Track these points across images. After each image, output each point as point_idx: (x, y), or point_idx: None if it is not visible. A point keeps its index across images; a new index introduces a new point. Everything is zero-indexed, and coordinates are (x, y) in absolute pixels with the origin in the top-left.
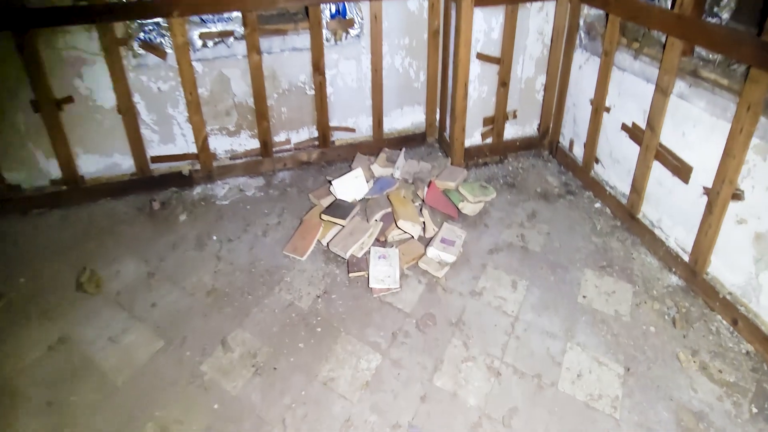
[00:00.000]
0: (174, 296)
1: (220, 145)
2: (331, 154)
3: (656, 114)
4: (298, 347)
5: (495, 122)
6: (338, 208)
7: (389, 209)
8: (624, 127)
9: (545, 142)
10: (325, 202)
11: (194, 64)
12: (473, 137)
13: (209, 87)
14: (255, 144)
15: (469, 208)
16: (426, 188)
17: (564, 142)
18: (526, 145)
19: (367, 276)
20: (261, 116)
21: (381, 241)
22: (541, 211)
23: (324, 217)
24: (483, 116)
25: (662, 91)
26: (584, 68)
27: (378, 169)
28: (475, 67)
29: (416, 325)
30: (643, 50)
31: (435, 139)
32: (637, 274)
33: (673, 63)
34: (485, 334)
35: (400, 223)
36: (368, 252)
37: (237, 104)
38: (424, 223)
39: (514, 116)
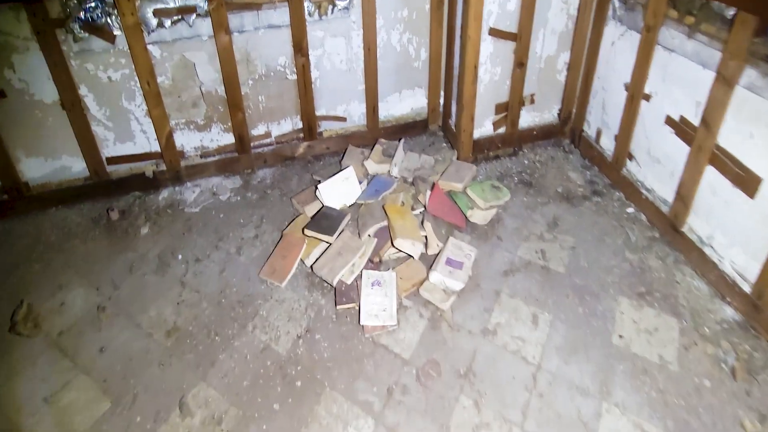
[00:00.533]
0: (127, 336)
1: (187, 141)
2: (318, 148)
3: (714, 108)
4: (272, 409)
5: (509, 109)
6: (325, 220)
7: (384, 222)
8: (669, 120)
9: (566, 129)
10: (311, 209)
11: (150, 47)
12: (483, 127)
13: (170, 74)
14: (229, 139)
15: (479, 216)
16: (428, 191)
17: (589, 131)
18: (544, 134)
19: (357, 308)
20: (234, 107)
21: (375, 263)
22: (564, 218)
23: (307, 232)
24: (495, 103)
25: (725, 81)
26: (618, 45)
27: (373, 166)
28: (487, 46)
29: (417, 376)
30: (699, 26)
31: (438, 126)
32: (683, 303)
33: (741, 45)
34: (501, 390)
35: (397, 242)
36: (359, 276)
37: (205, 93)
38: (426, 237)
39: (532, 101)
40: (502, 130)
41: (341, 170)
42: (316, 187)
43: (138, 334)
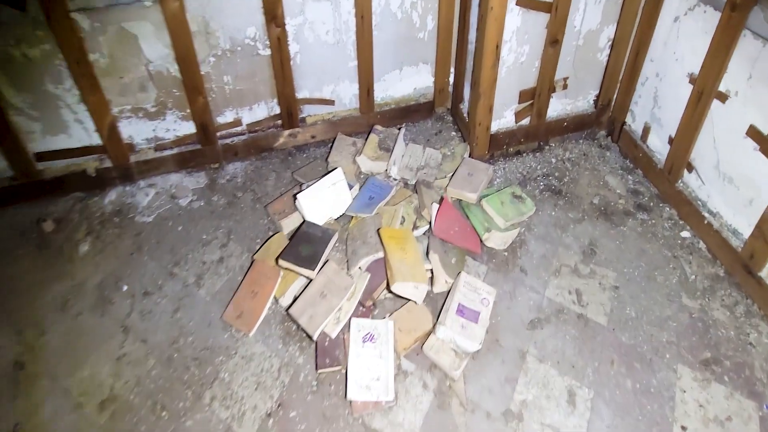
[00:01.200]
0: (51, 409)
1: (137, 132)
2: (301, 137)
3: None
4: None
5: (537, 96)
6: (305, 245)
7: (380, 254)
8: (753, 132)
9: (603, 119)
10: (289, 223)
11: (75, 16)
12: (504, 118)
13: (106, 51)
14: (189, 128)
15: (497, 239)
16: (435, 206)
17: (633, 125)
18: (576, 126)
19: (344, 372)
20: (193, 89)
21: (367, 307)
22: (603, 242)
23: (283, 263)
24: (520, 89)
25: None
26: (684, 23)
27: (366, 163)
28: (514, 19)
29: None
30: None
31: (447, 109)
32: (761, 377)
33: None
34: None
35: (396, 287)
36: (347, 326)
37: (154, 74)
38: (431, 272)
39: (564, 86)
40: (525, 121)
41: (327, 172)
42: (296, 197)
43: (64, 404)
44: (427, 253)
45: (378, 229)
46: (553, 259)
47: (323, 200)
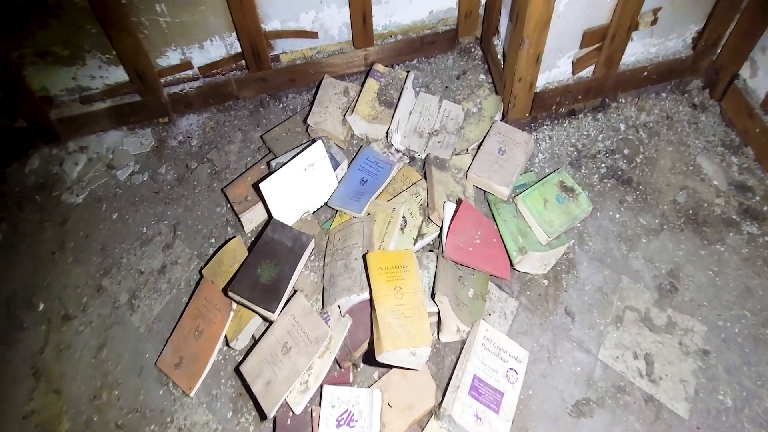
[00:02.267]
0: None
1: (52, 81)
2: (275, 81)
3: None
4: None
5: (610, 38)
6: (265, 264)
7: (366, 294)
8: None
9: (702, 66)
10: (252, 217)
11: None
12: (556, 68)
13: None
14: (121, 74)
15: (534, 261)
16: (449, 209)
17: (752, 81)
18: (660, 75)
19: None
20: (115, 25)
21: (345, 368)
22: (688, 271)
23: (234, 296)
24: (584, 28)
25: None
26: None
27: (360, 125)
28: None
29: None
30: None
31: (475, 39)
32: None
33: None
34: None
35: (384, 357)
36: (318, 396)
37: (58, 4)
38: (438, 316)
39: (653, 21)
40: (587, 71)
41: (305, 143)
42: (257, 187)
43: None
44: (434, 287)
45: (365, 254)
46: (614, 296)
47: (296, 189)
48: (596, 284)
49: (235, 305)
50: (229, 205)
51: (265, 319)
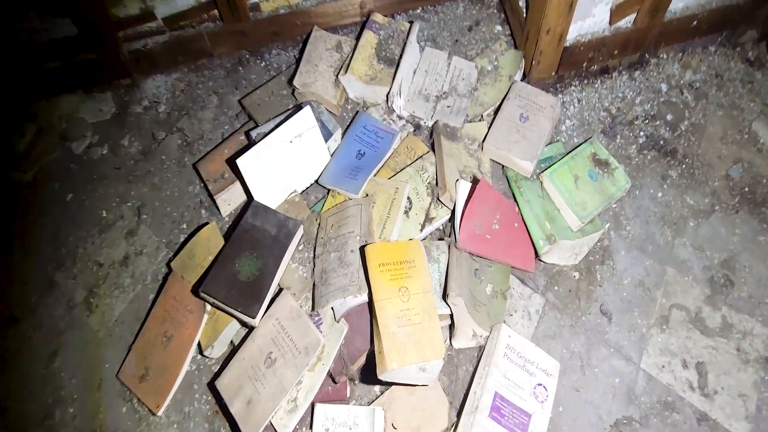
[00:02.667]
0: None
1: None
2: (255, 35)
3: None
4: None
5: None
6: (245, 258)
7: (364, 296)
8: None
9: (760, 14)
10: (228, 198)
11: None
12: (591, 17)
13: None
14: (69, 27)
15: (564, 251)
16: (463, 188)
17: None
18: (710, 26)
19: None
20: None
21: (340, 382)
22: (745, 261)
23: (206, 297)
24: None
25: None
26: None
27: (356, 86)
28: None
29: None
30: None
31: None
32: None
33: None
34: None
35: (387, 375)
36: (308, 417)
37: None
38: (451, 318)
39: None
40: (627, 21)
41: (290, 111)
42: (233, 161)
43: None
44: (446, 286)
45: (363, 246)
46: (658, 291)
47: (281, 165)
48: (636, 277)
49: (207, 308)
50: (202, 184)
51: (244, 324)
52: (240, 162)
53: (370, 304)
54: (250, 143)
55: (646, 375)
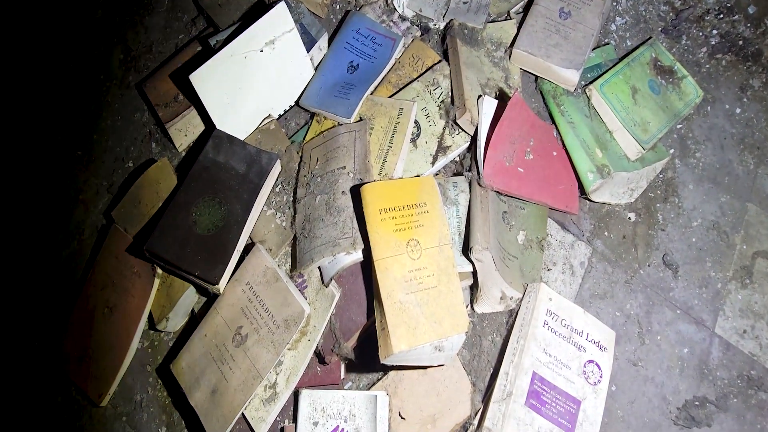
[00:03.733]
0: None
1: None
2: None
3: None
4: None
5: None
6: (205, 203)
7: (359, 252)
8: None
9: None
10: (184, 126)
11: None
12: None
13: None
14: None
15: (616, 187)
16: (489, 106)
17: None
18: None
19: None
20: None
21: (332, 364)
22: None
23: (153, 256)
24: None
25: None
26: None
27: None
28: None
29: None
30: None
31: None
32: None
33: None
34: None
35: (392, 358)
36: (293, 404)
37: None
38: (474, 276)
39: None
40: None
41: (263, 5)
42: (186, 78)
43: None
44: (468, 236)
45: (361, 187)
46: (736, 235)
47: (249, 81)
48: (709, 218)
49: (158, 273)
50: (151, 110)
51: (204, 292)
52: (193, 78)
53: (370, 264)
54: (208, 53)
55: (722, 343)
